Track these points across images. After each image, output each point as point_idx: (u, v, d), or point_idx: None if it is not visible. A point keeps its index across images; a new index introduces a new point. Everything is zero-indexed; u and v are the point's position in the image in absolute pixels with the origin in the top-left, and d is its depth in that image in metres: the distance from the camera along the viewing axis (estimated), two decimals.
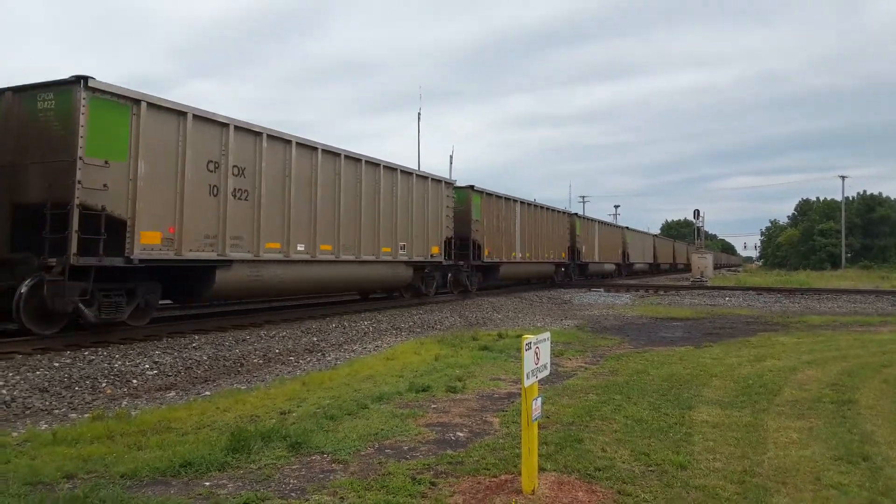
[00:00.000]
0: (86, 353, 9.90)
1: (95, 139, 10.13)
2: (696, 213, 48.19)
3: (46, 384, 8.27)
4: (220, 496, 4.47)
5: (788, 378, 9.08)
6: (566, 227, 34.31)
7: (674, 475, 4.95)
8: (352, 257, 16.59)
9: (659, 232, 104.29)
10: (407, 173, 19.47)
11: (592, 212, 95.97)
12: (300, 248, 14.60)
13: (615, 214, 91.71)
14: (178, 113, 11.60)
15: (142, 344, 10.97)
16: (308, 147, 15.03)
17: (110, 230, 10.25)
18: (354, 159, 16.80)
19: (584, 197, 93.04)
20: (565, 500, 4.42)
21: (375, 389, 7.96)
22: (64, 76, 10.25)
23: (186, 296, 13.07)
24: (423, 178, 20.54)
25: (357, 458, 5.34)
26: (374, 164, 17.69)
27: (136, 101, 10.79)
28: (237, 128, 12.89)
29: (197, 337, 11.99)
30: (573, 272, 36.12)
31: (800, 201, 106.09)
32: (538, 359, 4.69)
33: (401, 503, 4.36)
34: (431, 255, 20.82)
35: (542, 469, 4.91)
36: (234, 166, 12.80)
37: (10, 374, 8.36)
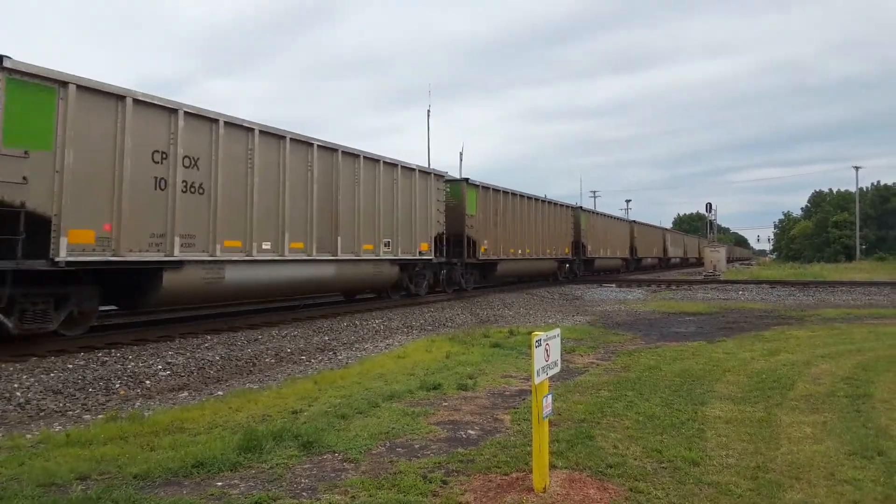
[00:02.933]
0: (99, 354, 9.98)
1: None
2: (709, 207, 48.31)
3: (60, 386, 8.35)
4: (232, 496, 4.49)
5: (802, 372, 9.01)
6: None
7: (686, 472, 4.93)
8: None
9: (671, 226, 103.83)
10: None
11: (605, 206, 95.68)
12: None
13: (627, 209, 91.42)
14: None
15: (154, 345, 11.05)
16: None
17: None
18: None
19: (594, 192, 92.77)
20: (577, 498, 4.40)
21: (387, 388, 7.97)
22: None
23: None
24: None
25: (368, 457, 5.35)
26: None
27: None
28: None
29: (209, 337, 12.05)
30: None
31: (813, 193, 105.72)
32: (548, 356, 4.67)
33: (412, 502, 4.36)
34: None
35: (553, 466, 4.90)
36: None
37: (25, 377, 8.44)
